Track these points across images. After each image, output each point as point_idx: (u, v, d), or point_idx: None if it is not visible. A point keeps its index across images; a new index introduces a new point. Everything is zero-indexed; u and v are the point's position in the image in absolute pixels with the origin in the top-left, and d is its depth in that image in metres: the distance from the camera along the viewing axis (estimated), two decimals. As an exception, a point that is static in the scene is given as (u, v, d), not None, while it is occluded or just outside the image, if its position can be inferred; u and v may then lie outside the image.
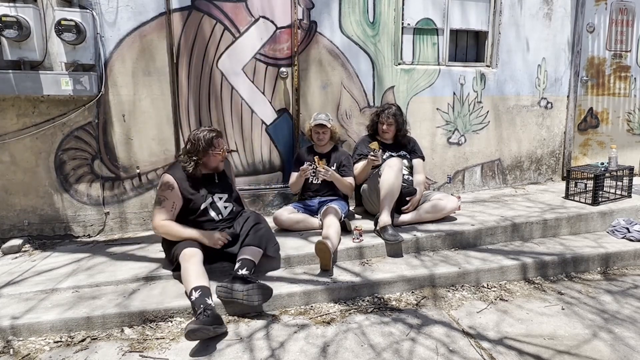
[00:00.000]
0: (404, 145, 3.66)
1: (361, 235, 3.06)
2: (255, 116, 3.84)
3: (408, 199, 3.38)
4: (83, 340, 2.21)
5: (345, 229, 3.20)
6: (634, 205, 3.76)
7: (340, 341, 2.21)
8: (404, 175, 3.35)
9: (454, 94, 4.27)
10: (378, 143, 3.39)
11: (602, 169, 3.90)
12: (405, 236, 3.08)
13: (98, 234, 3.56)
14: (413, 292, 2.73)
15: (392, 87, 4.07)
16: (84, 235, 3.53)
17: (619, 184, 3.98)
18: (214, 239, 2.62)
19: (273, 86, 3.83)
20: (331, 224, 2.99)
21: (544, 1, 4.44)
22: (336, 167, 3.46)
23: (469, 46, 4.49)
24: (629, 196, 3.96)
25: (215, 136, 2.70)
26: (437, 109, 4.24)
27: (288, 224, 3.28)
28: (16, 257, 3.14)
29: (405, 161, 3.56)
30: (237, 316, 2.43)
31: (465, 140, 4.39)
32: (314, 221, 3.33)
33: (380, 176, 3.24)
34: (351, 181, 3.45)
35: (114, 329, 2.30)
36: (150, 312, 2.35)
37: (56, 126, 3.35)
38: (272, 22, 3.72)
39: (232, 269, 2.53)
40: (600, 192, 3.83)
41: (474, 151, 4.44)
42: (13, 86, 3.08)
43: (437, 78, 4.19)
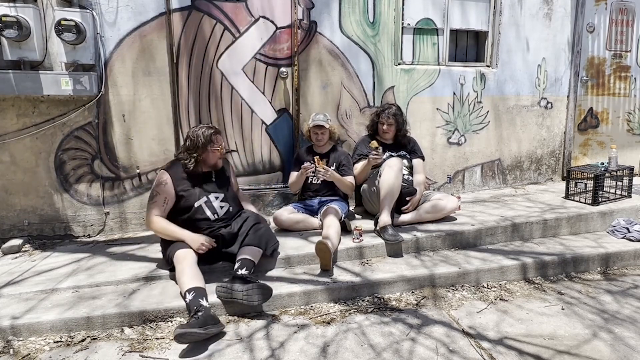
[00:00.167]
0: (403, 145, 3.66)
1: (361, 235, 3.06)
2: (255, 116, 3.84)
3: (408, 199, 3.38)
4: (83, 340, 2.21)
5: (345, 229, 3.20)
6: (634, 205, 3.76)
7: (340, 341, 2.21)
8: (404, 175, 3.35)
9: (454, 94, 4.27)
10: (377, 142, 3.39)
11: (602, 169, 3.90)
12: (405, 236, 3.08)
13: (98, 234, 3.56)
14: (413, 292, 2.73)
15: (392, 87, 4.07)
16: (84, 235, 3.53)
17: (619, 184, 3.98)
18: (197, 243, 2.57)
19: (273, 86, 3.83)
20: (331, 224, 2.99)
21: (544, 1, 4.44)
22: (336, 167, 3.46)
23: (469, 46, 4.49)
24: (629, 196, 3.96)
25: (213, 133, 2.73)
26: (437, 109, 4.24)
27: (288, 224, 3.28)
28: (16, 257, 3.14)
29: (405, 161, 3.55)
30: (237, 316, 2.43)
31: (465, 140, 4.39)
32: (314, 221, 3.33)
33: (380, 176, 3.24)
34: (351, 180, 3.45)
35: (114, 329, 2.30)
36: (150, 312, 2.35)
37: (56, 126, 3.35)
38: (272, 22, 3.72)
39: (232, 268, 2.53)
40: (600, 192, 3.83)
41: (474, 151, 4.44)
42: (13, 86, 3.08)
43: (437, 78, 4.19)
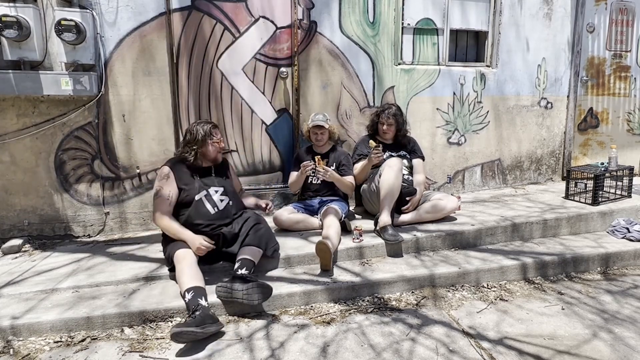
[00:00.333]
0: (403, 146, 3.66)
1: (361, 235, 3.06)
2: (255, 116, 3.84)
3: (408, 199, 3.38)
4: (83, 340, 2.21)
5: (345, 229, 3.19)
6: (634, 205, 3.76)
7: (340, 341, 2.21)
8: (404, 175, 3.35)
9: (454, 94, 4.27)
10: (375, 142, 3.39)
11: (602, 169, 3.90)
12: (405, 236, 3.08)
13: (98, 234, 3.56)
14: (413, 292, 2.73)
15: (392, 87, 4.07)
16: (84, 235, 3.53)
17: (619, 184, 3.98)
18: (195, 245, 2.56)
19: (273, 86, 3.83)
20: (331, 224, 2.99)
21: (544, 1, 4.44)
22: (335, 167, 3.46)
23: (469, 46, 4.49)
24: (629, 196, 3.96)
25: (212, 127, 2.82)
26: (437, 109, 4.24)
27: (288, 224, 3.28)
28: (16, 257, 3.14)
29: (405, 161, 3.55)
30: (237, 316, 2.43)
31: (465, 140, 4.39)
32: (314, 221, 3.33)
33: (380, 176, 3.24)
34: (351, 180, 3.45)
35: (114, 329, 2.30)
36: (150, 312, 2.35)
37: (56, 126, 3.35)
38: (272, 22, 3.72)
39: (232, 269, 2.53)
40: (600, 192, 3.83)
41: (474, 151, 4.44)
42: (13, 86, 3.08)
43: (437, 78, 4.19)
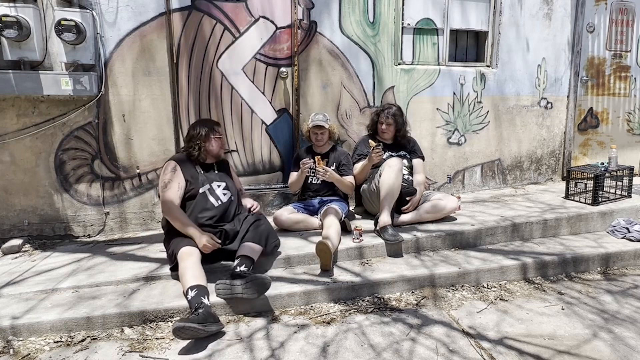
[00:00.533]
0: (403, 146, 3.66)
1: (361, 235, 3.06)
2: (255, 116, 3.84)
3: (408, 199, 3.38)
4: (83, 340, 2.21)
5: (345, 229, 3.19)
6: (634, 205, 3.76)
7: (340, 341, 2.21)
8: (404, 175, 3.35)
9: (454, 94, 4.27)
10: (375, 142, 3.39)
11: (602, 169, 3.90)
12: (405, 236, 3.08)
13: (98, 234, 3.56)
14: (413, 292, 2.73)
15: (392, 87, 4.07)
16: (84, 235, 3.53)
17: (619, 184, 3.98)
18: (202, 242, 2.57)
19: (273, 86, 3.83)
20: (331, 224, 2.99)
21: (544, 1, 4.44)
22: (335, 167, 3.46)
23: (469, 46, 4.49)
24: (629, 196, 3.96)
25: (214, 124, 2.94)
26: (437, 109, 4.24)
27: (288, 224, 3.28)
28: (16, 257, 3.14)
29: (405, 161, 3.55)
30: (237, 316, 2.43)
31: (465, 140, 4.39)
32: (314, 221, 3.33)
33: (380, 176, 3.24)
34: (351, 180, 3.45)
35: (114, 329, 2.30)
36: (150, 312, 2.35)
37: (56, 126, 3.35)
38: (272, 22, 3.72)
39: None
40: (600, 192, 3.83)
41: (474, 151, 4.44)
42: (13, 86, 3.08)
43: (437, 78, 4.19)
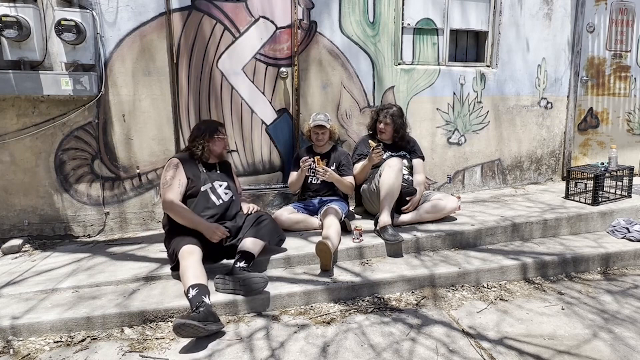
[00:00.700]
0: (403, 146, 3.66)
1: (361, 235, 3.06)
2: (255, 116, 3.84)
3: (408, 199, 3.38)
4: (83, 340, 2.21)
5: (345, 229, 3.19)
6: (634, 205, 3.76)
7: (341, 341, 2.21)
8: (404, 175, 3.35)
9: (454, 94, 4.27)
10: (375, 142, 3.39)
11: (602, 169, 3.90)
12: (405, 236, 3.08)
13: (98, 234, 3.56)
14: (413, 292, 2.73)
15: (392, 87, 4.07)
16: (84, 235, 3.53)
17: (619, 184, 3.98)
18: (211, 231, 2.63)
19: (273, 86, 3.83)
20: (331, 224, 2.99)
21: (544, 1, 4.44)
22: (335, 167, 3.46)
23: (469, 46, 4.49)
24: (629, 196, 3.96)
25: (218, 124, 2.97)
26: (437, 109, 4.24)
27: (288, 224, 3.28)
28: (16, 257, 3.14)
29: (405, 161, 3.55)
30: (238, 315, 2.43)
31: (465, 140, 4.39)
32: (314, 221, 3.33)
33: (380, 176, 3.24)
34: (351, 180, 3.45)
35: (114, 329, 2.30)
36: (150, 312, 2.35)
37: (56, 126, 3.35)
38: (272, 22, 3.72)
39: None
40: (600, 192, 3.83)
41: (474, 151, 4.44)
42: (13, 86, 3.08)
43: (437, 78, 4.19)
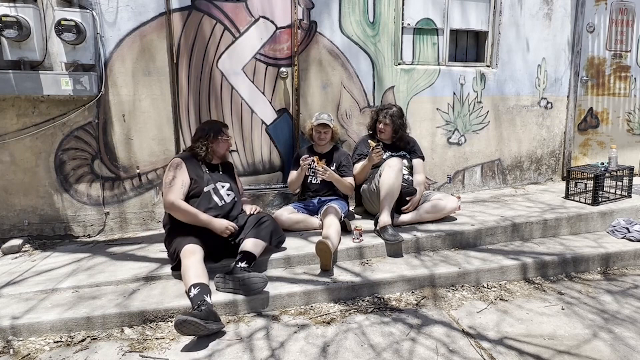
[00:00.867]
0: (403, 146, 3.66)
1: (361, 235, 3.06)
2: (255, 116, 3.84)
3: (408, 199, 3.38)
4: (83, 340, 2.21)
5: (345, 229, 3.20)
6: (634, 205, 3.76)
7: (341, 341, 2.21)
8: (404, 175, 3.35)
9: (454, 94, 4.27)
10: (375, 142, 3.39)
11: (602, 169, 3.90)
12: (405, 236, 3.08)
13: (98, 234, 3.56)
14: (413, 292, 2.73)
15: (392, 87, 4.07)
16: (84, 235, 3.53)
17: (619, 184, 3.98)
18: (222, 226, 2.67)
19: (273, 86, 3.83)
20: (331, 223, 2.99)
21: (544, 1, 4.44)
22: (336, 167, 3.46)
23: (469, 46, 4.49)
24: (629, 196, 3.96)
25: (222, 125, 2.98)
26: (437, 109, 4.24)
27: (288, 224, 3.28)
28: (16, 257, 3.14)
29: (405, 161, 3.55)
30: (238, 315, 2.43)
31: (465, 140, 4.39)
32: (314, 221, 3.33)
33: (380, 176, 3.24)
34: (351, 181, 3.45)
35: (114, 329, 2.30)
36: (150, 312, 2.35)
37: (56, 126, 3.35)
38: (272, 22, 3.72)
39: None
40: (600, 192, 3.83)
41: (474, 151, 4.44)
42: (13, 86, 3.08)
43: (437, 78, 4.19)
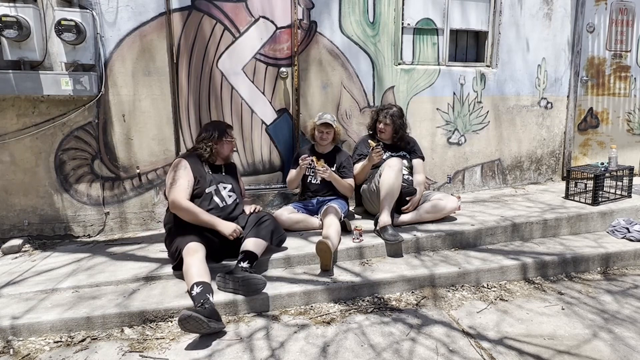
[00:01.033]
0: (403, 146, 3.66)
1: (361, 235, 3.06)
2: (255, 116, 3.84)
3: (408, 199, 3.38)
4: (83, 340, 2.21)
5: (345, 229, 3.20)
6: (634, 205, 3.76)
7: (341, 341, 2.21)
8: (404, 175, 3.35)
9: (454, 94, 4.27)
10: (375, 142, 3.39)
11: (602, 169, 3.90)
12: (405, 236, 3.08)
13: (98, 234, 3.56)
14: (413, 292, 2.73)
15: (392, 87, 4.07)
16: (84, 235, 3.53)
17: (619, 184, 3.98)
18: (230, 229, 2.66)
19: (273, 86, 3.83)
20: (331, 223, 2.99)
21: (544, 1, 4.44)
22: (336, 168, 3.46)
23: (469, 46, 4.49)
24: (629, 196, 3.96)
25: (227, 126, 2.97)
26: (437, 109, 4.24)
27: (288, 224, 3.28)
28: (16, 257, 3.14)
29: (405, 161, 3.55)
30: (238, 315, 2.43)
31: (465, 140, 4.39)
32: (314, 221, 3.33)
33: (380, 176, 3.24)
34: (351, 182, 3.45)
35: (114, 329, 2.30)
36: (150, 312, 2.35)
37: (56, 126, 3.35)
38: (272, 22, 3.72)
39: (232, 269, 2.54)
40: (600, 192, 3.83)
41: (474, 151, 4.44)
42: (13, 86, 3.08)
43: (437, 78, 4.19)
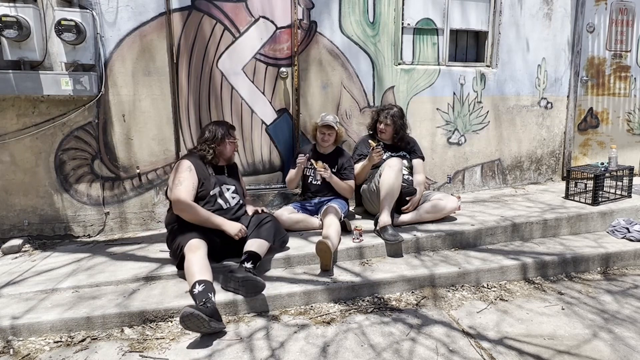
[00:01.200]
0: (403, 146, 3.66)
1: (361, 235, 3.06)
2: (255, 116, 3.84)
3: (408, 199, 3.38)
4: (83, 340, 2.21)
5: (345, 229, 3.20)
6: (634, 205, 3.76)
7: (341, 341, 2.21)
8: (404, 175, 3.35)
9: (454, 94, 4.27)
10: (375, 142, 3.39)
11: (602, 169, 3.90)
12: (405, 236, 3.08)
13: (98, 234, 3.56)
14: (413, 292, 2.73)
15: (392, 87, 4.07)
16: (84, 235, 3.53)
17: (619, 184, 3.98)
18: (236, 228, 2.67)
19: (273, 86, 3.83)
20: (331, 223, 2.99)
21: (544, 1, 4.44)
22: (337, 170, 3.46)
23: (469, 46, 4.49)
24: (629, 196, 3.96)
25: (230, 127, 2.97)
26: (437, 109, 4.24)
27: (288, 224, 3.27)
28: (16, 257, 3.14)
29: (405, 161, 3.55)
30: (238, 315, 2.43)
31: (465, 140, 4.39)
32: (314, 221, 3.33)
33: (380, 176, 3.24)
34: (351, 184, 3.45)
35: (114, 329, 2.30)
36: (150, 312, 2.35)
37: (56, 126, 3.35)
38: (272, 22, 3.72)
39: (232, 269, 2.54)
40: (600, 192, 3.83)
41: (474, 151, 4.44)
42: (13, 86, 3.08)
43: (437, 78, 4.19)
